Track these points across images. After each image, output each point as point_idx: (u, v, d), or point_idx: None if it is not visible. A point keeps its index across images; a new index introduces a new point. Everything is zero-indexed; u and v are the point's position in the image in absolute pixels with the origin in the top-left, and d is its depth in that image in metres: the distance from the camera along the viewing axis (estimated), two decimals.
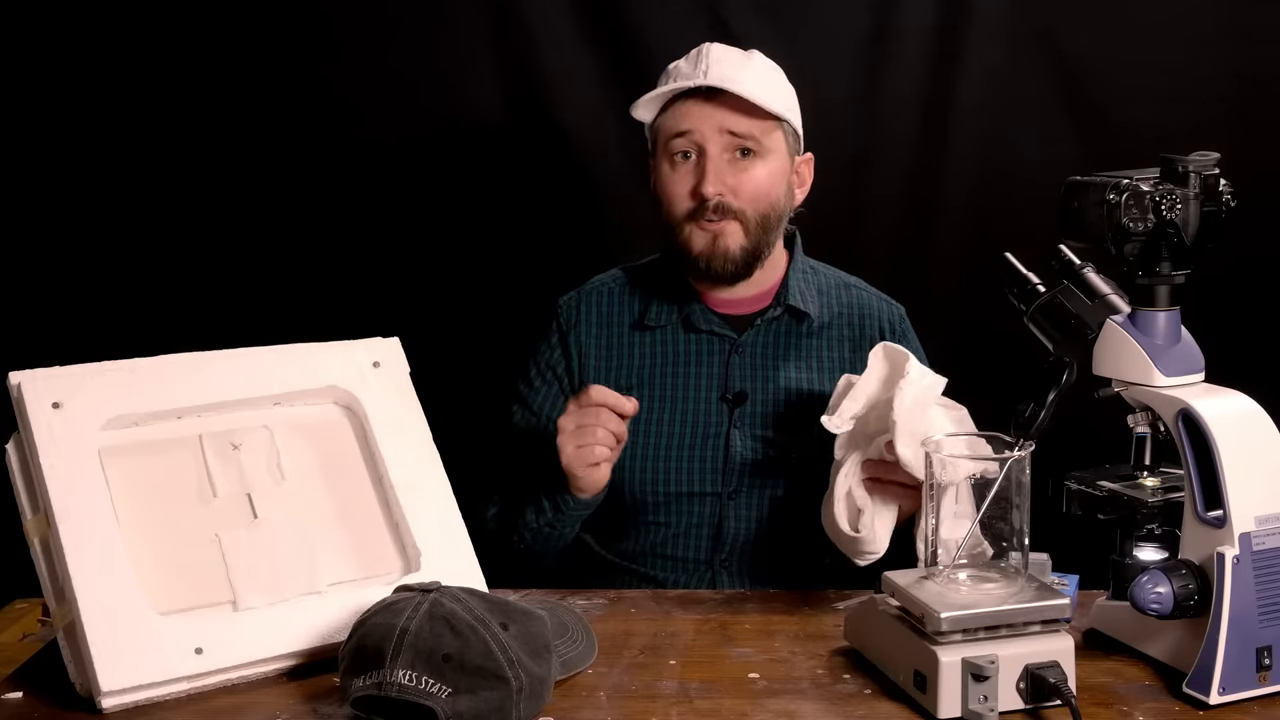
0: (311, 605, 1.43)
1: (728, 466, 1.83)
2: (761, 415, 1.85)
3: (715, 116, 1.78)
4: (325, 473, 1.53)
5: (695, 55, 1.82)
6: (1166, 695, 1.32)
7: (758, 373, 1.86)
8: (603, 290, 1.95)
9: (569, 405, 1.69)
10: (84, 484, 1.38)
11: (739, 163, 1.80)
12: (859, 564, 1.61)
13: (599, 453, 1.67)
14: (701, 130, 1.78)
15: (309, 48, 2.36)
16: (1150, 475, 1.46)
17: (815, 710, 1.31)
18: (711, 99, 1.78)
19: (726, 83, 1.77)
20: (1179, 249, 1.34)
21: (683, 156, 1.81)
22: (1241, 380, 1.38)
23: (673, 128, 1.80)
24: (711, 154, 1.78)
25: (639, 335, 1.89)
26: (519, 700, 1.22)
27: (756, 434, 1.84)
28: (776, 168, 1.82)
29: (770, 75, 1.85)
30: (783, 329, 1.89)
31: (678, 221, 1.82)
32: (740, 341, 1.87)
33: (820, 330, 1.90)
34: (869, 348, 1.86)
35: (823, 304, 1.92)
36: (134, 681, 1.31)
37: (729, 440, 1.83)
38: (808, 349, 1.89)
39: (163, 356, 1.50)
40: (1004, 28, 2.31)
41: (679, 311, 1.89)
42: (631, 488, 1.84)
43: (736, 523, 1.84)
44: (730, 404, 1.85)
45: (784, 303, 1.88)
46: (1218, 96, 2.29)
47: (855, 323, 1.92)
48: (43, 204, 2.39)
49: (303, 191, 2.38)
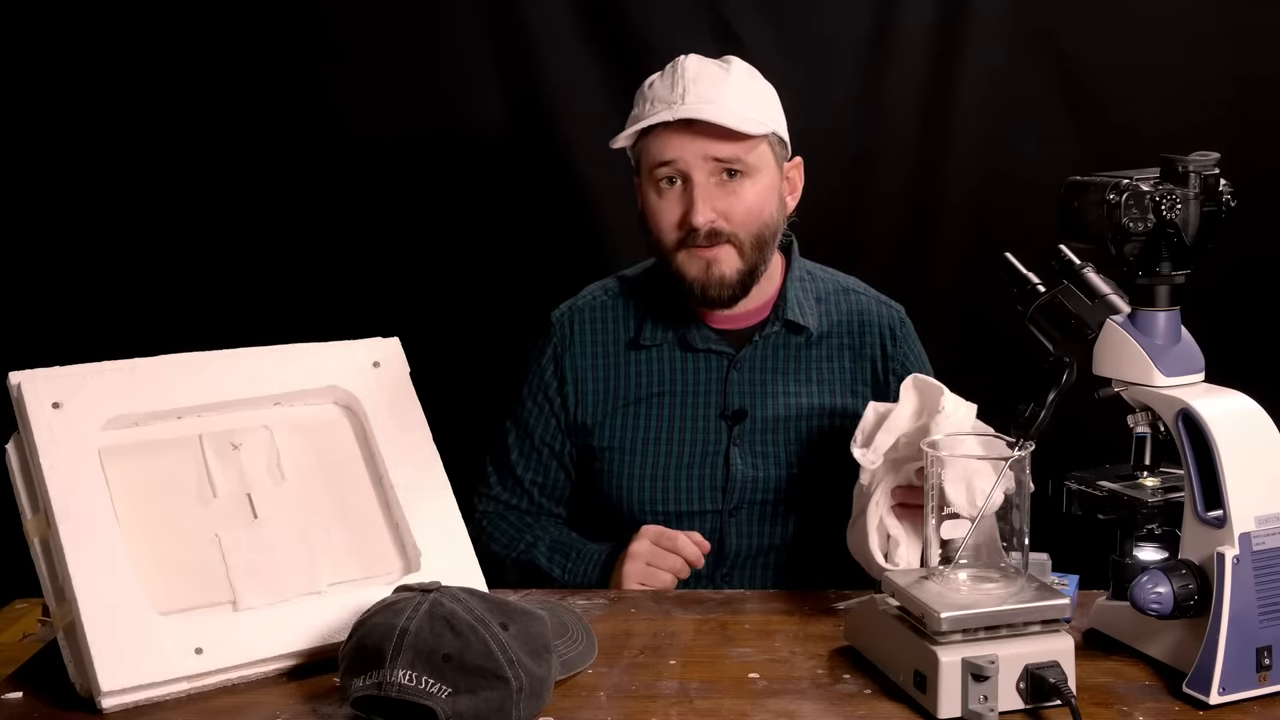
0: (311, 605, 1.43)
1: (728, 485, 1.82)
2: (761, 432, 1.83)
3: (696, 145, 1.73)
4: (325, 473, 1.53)
5: (671, 76, 1.77)
6: (1166, 695, 1.32)
7: (756, 389, 1.84)
8: (596, 305, 1.92)
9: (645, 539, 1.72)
10: (84, 484, 1.38)
11: (727, 185, 1.75)
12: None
13: (664, 579, 1.70)
14: (685, 159, 1.74)
15: (309, 49, 2.36)
16: (1150, 475, 1.46)
17: (815, 710, 1.31)
18: (692, 126, 1.73)
19: (703, 107, 1.72)
20: (1179, 249, 1.34)
21: (668, 183, 1.77)
22: (1241, 380, 1.38)
23: (655, 157, 1.76)
24: (698, 181, 1.74)
25: (635, 355, 1.87)
26: (519, 700, 1.22)
27: (757, 451, 1.83)
28: (766, 184, 1.78)
29: (750, 85, 1.80)
30: (781, 343, 1.86)
31: (669, 249, 1.79)
32: (738, 358, 1.85)
33: (819, 341, 1.87)
34: (870, 357, 1.87)
35: (821, 313, 1.89)
36: (134, 681, 1.31)
37: (729, 458, 1.82)
38: (807, 361, 1.86)
39: (163, 356, 1.50)
40: (1004, 28, 2.31)
41: (675, 330, 1.86)
42: (631, 507, 1.84)
43: (738, 539, 1.83)
44: (730, 422, 1.83)
45: (782, 317, 1.85)
46: (1217, 97, 2.29)
47: (855, 331, 1.89)
48: (43, 204, 2.39)
49: (303, 192, 2.38)
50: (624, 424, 1.85)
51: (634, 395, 1.86)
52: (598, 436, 1.86)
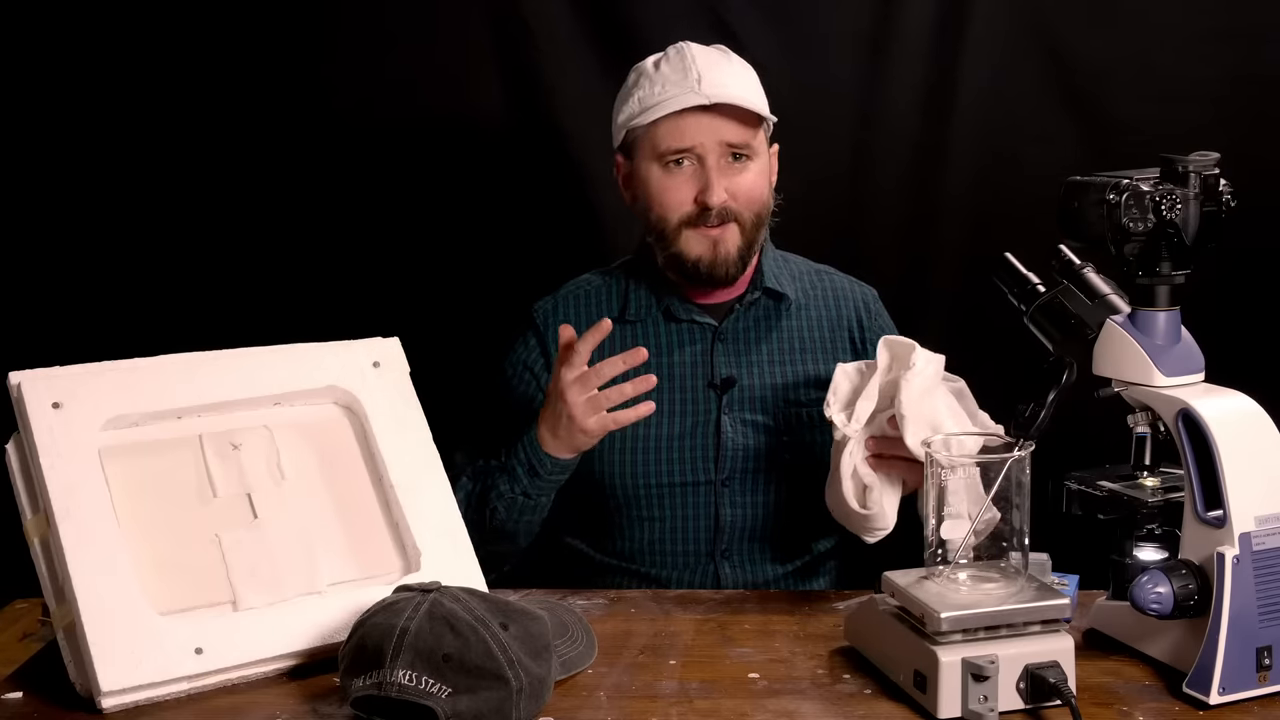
0: (311, 605, 1.43)
1: (720, 453, 1.83)
2: (750, 400, 1.85)
3: (715, 128, 1.78)
4: (325, 473, 1.53)
5: (680, 61, 1.81)
6: (1166, 695, 1.32)
7: (742, 358, 1.87)
8: (579, 292, 1.96)
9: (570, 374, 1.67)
10: (84, 484, 1.38)
11: (733, 166, 1.81)
12: (868, 540, 1.62)
13: (611, 398, 1.65)
14: (703, 143, 1.79)
15: (309, 49, 2.35)
16: (1150, 475, 1.46)
17: (815, 710, 1.31)
18: (709, 110, 1.78)
19: (725, 92, 1.77)
20: (1179, 249, 1.34)
21: (677, 163, 1.81)
22: (1241, 380, 1.38)
23: (671, 138, 1.79)
24: (711, 163, 1.79)
25: (619, 329, 1.88)
26: (519, 700, 1.22)
27: (746, 419, 1.85)
28: (763, 167, 1.85)
29: (747, 71, 1.87)
30: (762, 313, 1.90)
31: (674, 227, 1.82)
32: (722, 328, 1.88)
33: (798, 311, 1.92)
34: (846, 328, 1.91)
35: (798, 289, 1.94)
36: (134, 681, 1.31)
37: (719, 427, 1.84)
38: (788, 330, 1.90)
39: (163, 356, 1.49)
40: (1004, 27, 2.31)
41: (658, 304, 1.90)
42: (624, 482, 1.84)
43: (733, 509, 1.84)
44: (719, 391, 1.85)
45: (761, 286, 1.89)
46: (1217, 97, 2.29)
47: (831, 303, 1.94)
48: (43, 204, 2.38)
49: (303, 191, 2.38)
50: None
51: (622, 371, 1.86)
52: None
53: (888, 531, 1.61)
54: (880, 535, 1.62)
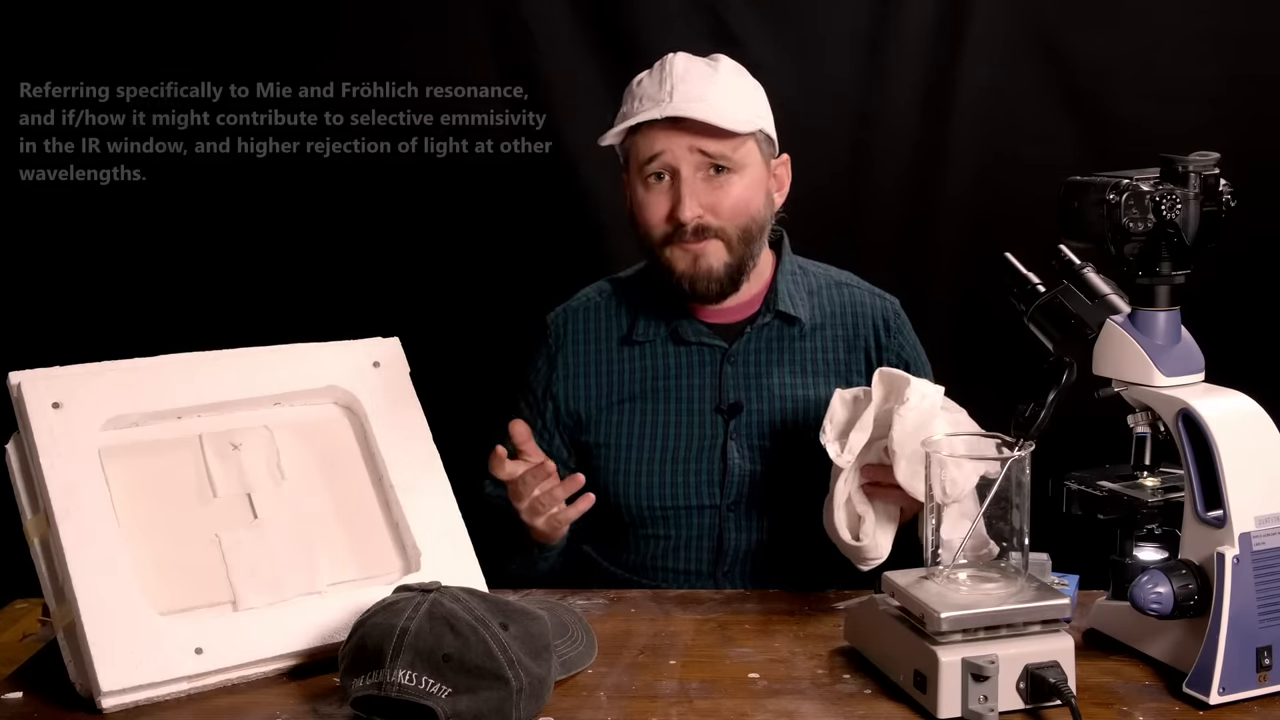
0: (311, 605, 1.43)
1: (726, 478, 1.81)
2: (758, 425, 1.82)
3: (684, 141, 1.74)
4: (325, 473, 1.53)
5: (659, 74, 1.78)
6: (1166, 695, 1.32)
7: (751, 381, 1.84)
8: (589, 306, 1.93)
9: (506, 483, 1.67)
10: (84, 484, 1.38)
11: (714, 180, 1.76)
12: (861, 569, 1.61)
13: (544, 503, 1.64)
14: (673, 153, 1.75)
15: (310, 49, 2.36)
16: (1150, 475, 1.46)
17: (815, 710, 1.31)
18: (679, 123, 1.74)
19: (691, 105, 1.72)
20: (1179, 249, 1.34)
21: (656, 178, 1.77)
22: (1241, 380, 1.38)
23: (644, 153, 1.77)
24: (685, 175, 1.75)
25: (628, 350, 1.87)
26: (519, 700, 1.22)
27: (754, 444, 1.82)
28: (752, 180, 1.78)
29: (736, 83, 1.81)
30: (774, 335, 1.86)
31: (656, 242, 1.79)
32: (731, 351, 1.84)
33: (813, 332, 1.87)
34: (863, 348, 1.86)
35: (814, 305, 1.88)
36: (134, 681, 1.31)
37: (725, 452, 1.81)
38: (801, 353, 1.86)
39: (163, 356, 1.50)
40: (1004, 27, 2.31)
41: (667, 325, 1.86)
42: (629, 502, 1.83)
43: (737, 534, 1.82)
44: (725, 415, 1.83)
45: (773, 308, 1.85)
46: (1217, 97, 2.29)
47: (849, 322, 1.89)
48: (42, 204, 2.38)
49: (302, 192, 2.38)
50: (619, 420, 1.85)
51: (628, 391, 1.86)
52: (593, 433, 1.86)
53: (881, 561, 1.59)
54: (873, 565, 1.58)
